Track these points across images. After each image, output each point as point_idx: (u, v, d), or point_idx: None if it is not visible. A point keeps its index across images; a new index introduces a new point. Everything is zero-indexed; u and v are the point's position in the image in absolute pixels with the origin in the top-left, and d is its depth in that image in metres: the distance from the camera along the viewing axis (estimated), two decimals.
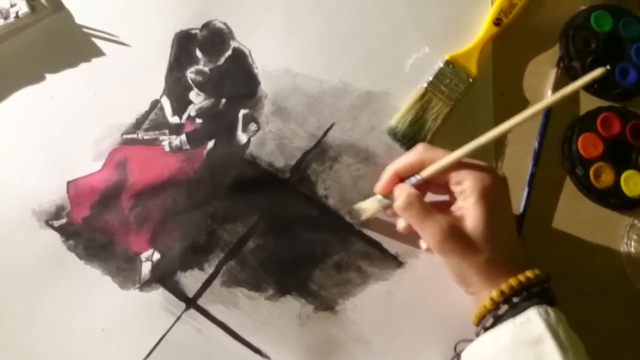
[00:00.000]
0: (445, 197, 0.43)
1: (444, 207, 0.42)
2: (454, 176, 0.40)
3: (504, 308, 0.38)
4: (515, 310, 0.37)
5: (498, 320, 0.38)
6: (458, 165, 0.40)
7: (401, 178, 0.42)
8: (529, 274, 0.38)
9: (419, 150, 0.41)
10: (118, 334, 0.44)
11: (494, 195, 0.39)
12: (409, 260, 0.46)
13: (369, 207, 0.44)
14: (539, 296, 0.38)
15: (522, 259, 0.40)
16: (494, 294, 0.38)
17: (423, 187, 0.42)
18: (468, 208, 0.39)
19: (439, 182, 0.42)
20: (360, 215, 0.45)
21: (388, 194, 0.43)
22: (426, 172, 0.41)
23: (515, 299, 0.38)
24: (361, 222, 0.46)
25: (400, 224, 0.44)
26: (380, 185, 0.43)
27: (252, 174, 0.47)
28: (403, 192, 0.40)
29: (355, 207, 0.45)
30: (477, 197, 0.39)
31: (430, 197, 0.43)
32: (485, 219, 0.38)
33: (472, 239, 0.38)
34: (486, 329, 0.39)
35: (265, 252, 0.46)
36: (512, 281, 0.38)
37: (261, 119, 0.48)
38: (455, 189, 0.40)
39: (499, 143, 0.48)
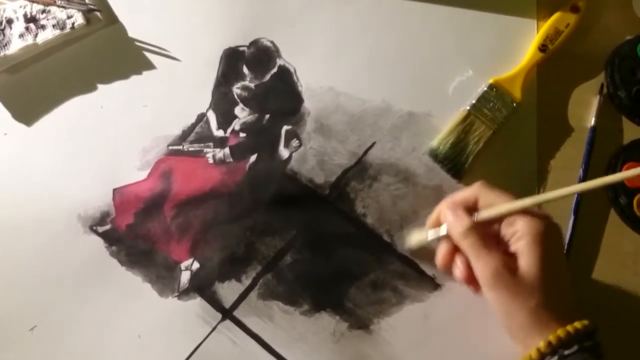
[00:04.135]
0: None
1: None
2: (507, 218, 0.40)
3: (554, 359, 0.37)
4: None
5: None
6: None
7: None
8: (578, 325, 0.37)
9: (476, 187, 0.41)
10: (155, 341, 0.45)
11: (547, 240, 0.38)
12: (446, 282, 0.46)
13: (416, 237, 0.45)
14: (590, 351, 0.36)
15: (572, 307, 0.39)
16: (541, 344, 0.37)
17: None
18: (521, 251, 0.38)
19: (489, 225, 0.41)
20: (407, 245, 0.45)
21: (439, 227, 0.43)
22: (483, 215, 0.40)
23: (566, 352, 0.36)
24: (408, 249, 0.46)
25: (441, 252, 0.42)
26: (433, 217, 0.43)
27: (292, 189, 0.48)
28: (462, 220, 0.40)
29: (405, 236, 0.45)
30: (530, 241, 0.38)
31: None
32: (539, 263, 0.38)
33: (525, 281, 0.38)
34: None
35: (302, 267, 0.46)
36: (560, 332, 0.37)
37: (303, 135, 0.49)
38: (506, 230, 0.40)
39: (542, 170, 0.48)
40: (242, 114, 0.49)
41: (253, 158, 0.48)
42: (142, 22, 0.51)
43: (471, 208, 0.41)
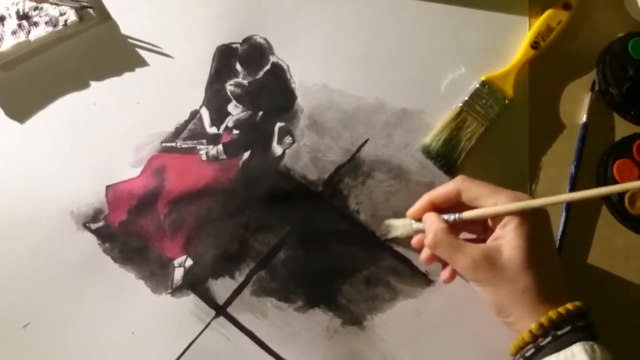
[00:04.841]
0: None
1: (480, 239, 0.42)
2: (492, 205, 0.40)
3: (547, 340, 0.36)
4: (558, 343, 0.36)
5: (539, 350, 0.37)
6: (496, 194, 0.39)
7: (435, 206, 0.42)
8: (569, 306, 0.37)
9: (457, 181, 0.41)
10: (148, 337, 0.45)
11: (533, 224, 0.39)
12: (439, 278, 0.46)
13: (399, 226, 0.44)
14: (584, 331, 0.37)
15: (565, 289, 0.39)
16: (533, 326, 0.37)
17: (459, 224, 0.41)
18: (506, 236, 0.38)
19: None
20: (388, 232, 0.45)
21: (418, 219, 0.43)
22: (468, 215, 0.40)
23: (559, 332, 0.36)
24: (388, 239, 0.46)
25: (424, 255, 0.43)
26: (413, 209, 0.43)
27: (285, 185, 0.48)
28: (431, 229, 0.40)
29: (387, 222, 0.45)
30: (516, 224, 0.38)
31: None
32: (524, 246, 0.38)
33: (509, 267, 0.38)
34: (526, 359, 0.38)
35: (296, 264, 0.46)
36: (552, 314, 0.37)
37: (296, 132, 0.49)
38: (492, 218, 0.40)
39: (534, 167, 0.48)
40: (235, 111, 0.49)
41: (246, 155, 0.49)
42: (135, 19, 0.51)
43: (453, 203, 0.41)
